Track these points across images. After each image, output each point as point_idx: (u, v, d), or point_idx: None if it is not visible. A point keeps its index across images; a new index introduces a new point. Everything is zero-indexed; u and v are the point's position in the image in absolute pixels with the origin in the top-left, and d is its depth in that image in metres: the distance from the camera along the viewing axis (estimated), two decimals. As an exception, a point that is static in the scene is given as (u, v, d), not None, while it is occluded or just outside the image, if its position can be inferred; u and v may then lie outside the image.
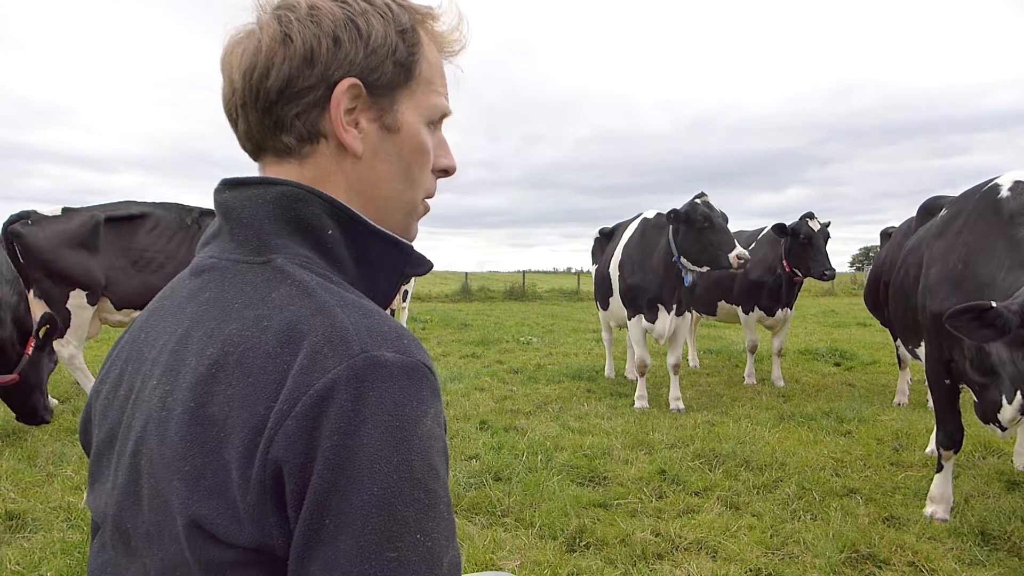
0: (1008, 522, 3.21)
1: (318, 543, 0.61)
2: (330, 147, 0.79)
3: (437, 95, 0.85)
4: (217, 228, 0.81)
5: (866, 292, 5.55)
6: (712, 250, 5.23)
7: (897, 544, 3.04)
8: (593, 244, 7.35)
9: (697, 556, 2.97)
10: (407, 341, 0.69)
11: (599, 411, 5.62)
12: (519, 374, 7.36)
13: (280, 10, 0.77)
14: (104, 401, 0.83)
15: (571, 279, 29.81)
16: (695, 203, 5.34)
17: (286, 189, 0.76)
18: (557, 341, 10.44)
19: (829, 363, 8.19)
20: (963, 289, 3.10)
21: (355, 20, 0.76)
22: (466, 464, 4.13)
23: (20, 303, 4.30)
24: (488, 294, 22.21)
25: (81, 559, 2.83)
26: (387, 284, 0.84)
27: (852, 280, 26.33)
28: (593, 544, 3.08)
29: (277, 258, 0.74)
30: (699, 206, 5.30)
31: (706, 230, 5.25)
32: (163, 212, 5.90)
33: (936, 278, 3.28)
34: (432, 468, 0.65)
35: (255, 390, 0.65)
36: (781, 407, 5.72)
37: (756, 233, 7.11)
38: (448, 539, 0.65)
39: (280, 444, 0.62)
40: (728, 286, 6.83)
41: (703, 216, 5.25)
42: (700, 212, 5.26)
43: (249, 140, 0.81)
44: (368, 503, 0.60)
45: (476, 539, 3.07)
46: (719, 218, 5.32)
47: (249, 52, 0.76)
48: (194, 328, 0.73)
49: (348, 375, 0.63)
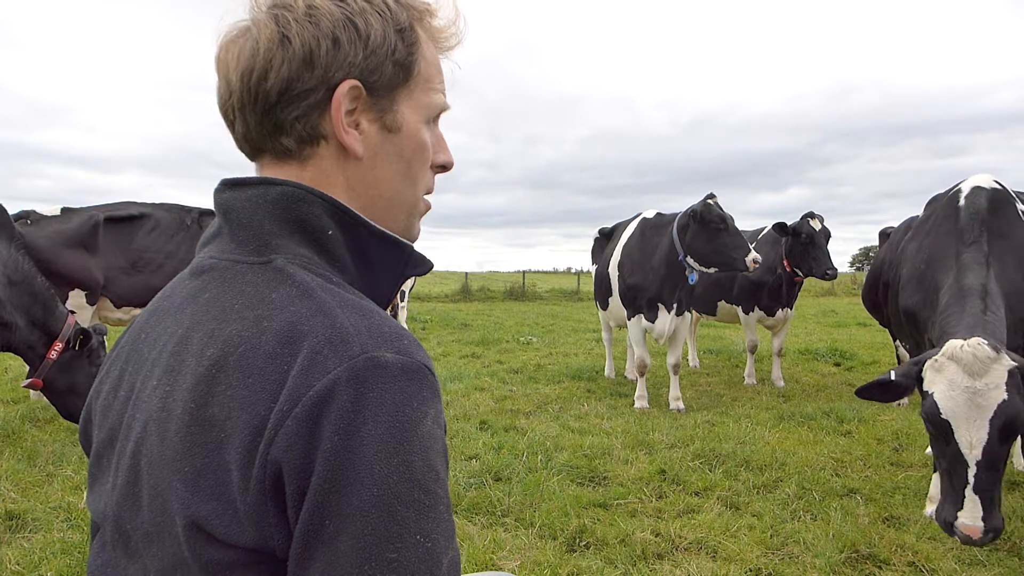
0: (1008, 522, 3.21)
1: (318, 544, 0.61)
2: (330, 149, 0.79)
3: (435, 92, 0.85)
4: (217, 228, 0.81)
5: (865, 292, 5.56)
6: (727, 252, 5.22)
7: (897, 544, 3.04)
8: (593, 244, 7.35)
9: (697, 556, 2.97)
10: (407, 342, 0.69)
11: (599, 411, 5.62)
12: (519, 374, 7.36)
13: (277, 8, 0.75)
14: (104, 401, 0.83)
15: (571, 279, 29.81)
16: (709, 204, 5.29)
17: (286, 189, 0.76)
18: (557, 341, 10.44)
19: (829, 363, 8.19)
20: (924, 288, 3.26)
21: (354, 20, 0.76)
22: (466, 464, 4.13)
23: (34, 305, 4.25)
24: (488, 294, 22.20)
25: (81, 559, 2.83)
26: (387, 284, 0.84)
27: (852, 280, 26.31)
28: (593, 544, 3.08)
29: (277, 258, 0.74)
30: (713, 207, 5.26)
31: (721, 232, 5.22)
32: (163, 212, 5.91)
33: (906, 276, 3.43)
34: (432, 469, 0.64)
35: (255, 391, 0.64)
36: (781, 407, 5.72)
37: (756, 233, 7.11)
38: (448, 540, 0.65)
39: (280, 445, 0.62)
40: (728, 286, 6.83)
41: (718, 217, 5.22)
42: (715, 213, 5.23)
43: (247, 142, 0.81)
44: (368, 504, 0.60)
45: (476, 539, 3.07)
46: (733, 220, 5.32)
47: (246, 53, 0.75)
48: (194, 329, 0.73)
49: (348, 376, 0.63)
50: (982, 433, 2.44)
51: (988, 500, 2.46)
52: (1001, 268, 2.98)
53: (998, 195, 3.22)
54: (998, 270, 2.97)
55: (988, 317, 2.71)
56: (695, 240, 5.31)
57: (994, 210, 3.16)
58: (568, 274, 56.10)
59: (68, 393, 4.26)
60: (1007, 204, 3.21)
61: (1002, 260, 3.02)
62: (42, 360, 4.21)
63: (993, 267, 2.96)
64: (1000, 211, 3.18)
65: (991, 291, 2.83)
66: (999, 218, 3.15)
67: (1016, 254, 3.06)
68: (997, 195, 3.22)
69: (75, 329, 4.29)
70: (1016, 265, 3.04)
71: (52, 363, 4.20)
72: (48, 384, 4.21)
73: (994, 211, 3.16)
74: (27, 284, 4.27)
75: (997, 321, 2.72)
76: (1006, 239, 3.09)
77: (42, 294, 4.30)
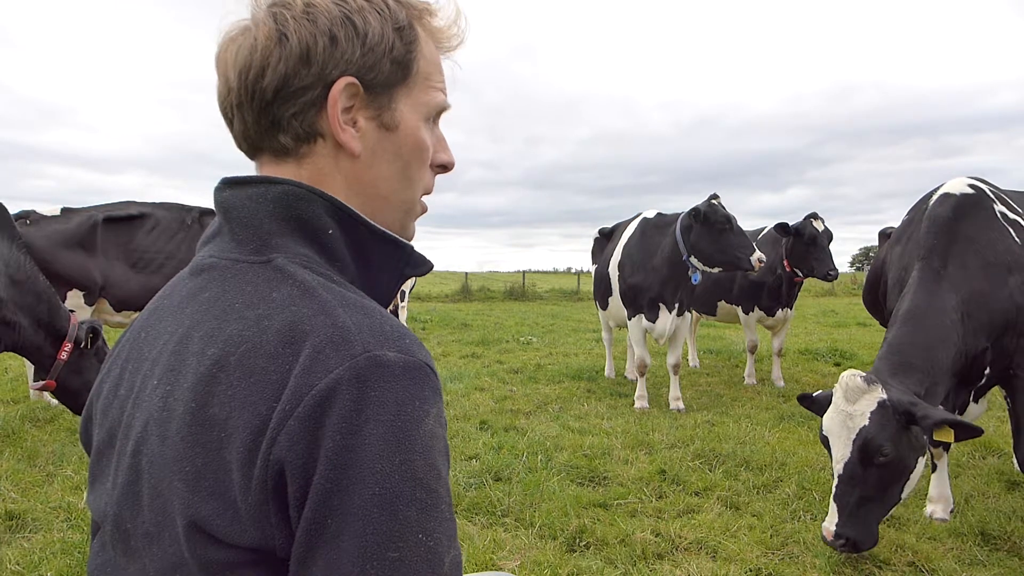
0: (1008, 522, 3.21)
1: (320, 543, 0.60)
2: (328, 147, 0.79)
3: (435, 91, 0.84)
4: (217, 227, 0.81)
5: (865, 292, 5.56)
6: (732, 252, 5.23)
7: (897, 544, 3.04)
8: (593, 244, 7.35)
9: (697, 556, 2.97)
10: (409, 341, 0.69)
11: (599, 411, 5.62)
12: (519, 374, 7.36)
13: (276, 7, 0.76)
14: (105, 401, 0.83)
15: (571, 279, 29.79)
16: (713, 204, 5.30)
17: (287, 188, 0.76)
18: (557, 341, 10.44)
19: (829, 363, 8.19)
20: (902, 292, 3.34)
21: (352, 17, 0.76)
22: (466, 464, 4.13)
23: (38, 305, 4.24)
24: (488, 294, 22.20)
25: (81, 559, 2.83)
26: (387, 284, 0.84)
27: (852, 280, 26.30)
28: (593, 544, 3.08)
29: (278, 257, 0.74)
30: (718, 207, 5.28)
31: (726, 232, 5.24)
32: (163, 212, 5.88)
33: (891, 281, 3.54)
34: (434, 468, 0.64)
35: (257, 390, 0.64)
36: (781, 407, 5.72)
37: (756, 233, 7.11)
38: (450, 539, 0.65)
39: (282, 444, 0.62)
40: (728, 286, 6.83)
41: (724, 217, 5.23)
42: (721, 213, 5.24)
43: (245, 140, 0.81)
44: (370, 503, 0.60)
45: (476, 539, 3.07)
46: (737, 220, 5.32)
47: (244, 51, 0.75)
48: (195, 328, 0.73)
49: (350, 375, 0.63)
50: (846, 451, 2.78)
51: (846, 510, 2.77)
52: (964, 275, 3.06)
53: (968, 200, 3.24)
54: (959, 277, 3.05)
55: (905, 348, 2.96)
56: (700, 240, 5.31)
57: (961, 216, 3.19)
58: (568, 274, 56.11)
59: (82, 391, 4.28)
60: (978, 208, 3.22)
61: (965, 266, 3.08)
62: (52, 361, 4.21)
63: (947, 279, 3.06)
64: (969, 216, 3.19)
65: (928, 312, 3.00)
66: (968, 222, 3.18)
67: (983, 257, 3.10)
68: (967, 200, 3.24)
69: (88, 325, 4.30)
70: (982, 268, 3.08)
71: (63, 363, 4.21)
72: (61, 384, 4.22)
73: (961, 217, 3.19)
74: (31, 284, 4.26)
75: (918, 347, 2.95)
76: (973, 243, 3.13)
77: (46, 293, 4.29)
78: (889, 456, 2.70)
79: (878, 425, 2.71)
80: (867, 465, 2.74)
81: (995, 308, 3.04)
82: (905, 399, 2.74)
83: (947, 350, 2.95)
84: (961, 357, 3.00)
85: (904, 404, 2.72)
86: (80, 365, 4.28)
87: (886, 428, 2.71)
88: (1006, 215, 3.25)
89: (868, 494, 2.77)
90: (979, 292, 3.04)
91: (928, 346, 2.95)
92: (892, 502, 2.84)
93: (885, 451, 2.70)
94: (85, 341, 4.23)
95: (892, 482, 2.78)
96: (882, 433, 2.70)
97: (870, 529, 2.78)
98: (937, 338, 2.95)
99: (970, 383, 3.20)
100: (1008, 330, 3.06)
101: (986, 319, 3.03)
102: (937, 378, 2.94)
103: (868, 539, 2.77)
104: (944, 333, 2.96)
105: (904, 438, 2.73)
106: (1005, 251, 3.11)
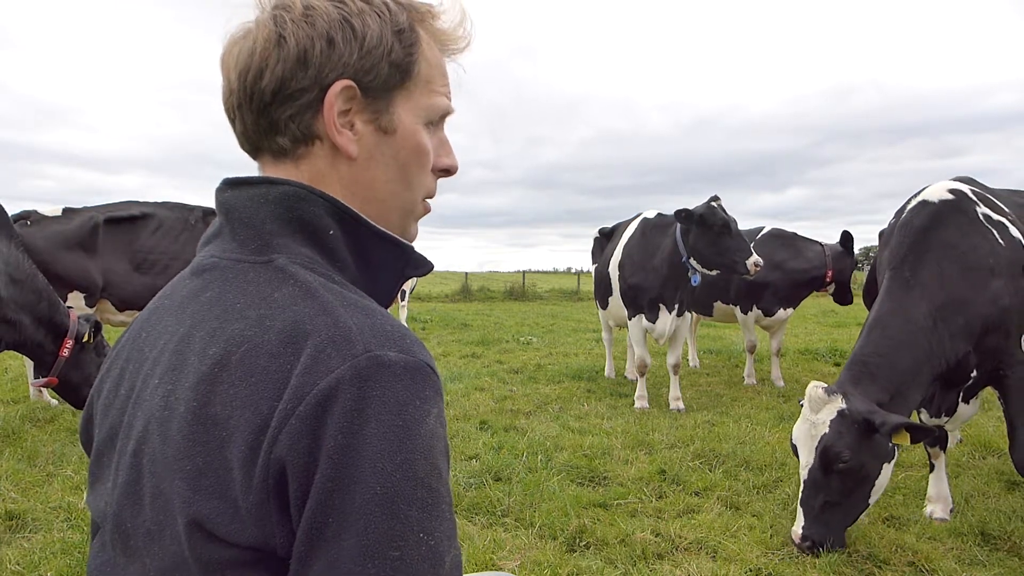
0: (1008, 522, 3.21)
1: (321, 542, 0.61)
2: (325, 149, 0.79)
3: (437, 95, 0.84)
4: (218, 227, 0.81)
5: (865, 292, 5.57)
6: (729, 255, 5.23)
7: (897, 544, 3.04)
8: (593, 244, 7.34)
9: (697, 556, 2.97)
10: (410, 341, 0.69)
11: (599, 411, 5.62)
12: (519, 374, 7.36)
13: (277, 10, 0.76)
14: (105, 400, 0.83)
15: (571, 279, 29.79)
16: (712, 206, 5.30)
17: (288, 189, 0.76)
18: (557, 341, 10.44)
19: (829, 363, 8.19)
20: None
21: (350, 20, 0.76)
22: (466, 464, 4.13)
23: (39, 303, 4.25)
24: (488, 294, 22.19)
25: (81, 559, 2.83)
26: (387, 284, 0.84)
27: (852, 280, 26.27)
28: (593, 544, 3.08)
29: (279, 258, 0.74)
30: (717, 210, 5.27)
31: (724, 235, 5.23)
32: (166, 212, 5.83)
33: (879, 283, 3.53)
34: (435, 467, 0.65)
35: (258, 390, 0.65)
36: (781, 407, 5.72)
37: (755, 233, 7.10)
38: (450, 539, 0.65)
39: (284, 443, 0.62)
40: (724, 287, 6.83)
41: (722, 220, 5.22)
42: (719, 216, 5.24)
43: (246, 140, 0.82)
44: (371, 502, 0.60)
45: (476, 539, 3.07)
46: (736, 223, 5.32)
47: (244, 53, 0.76)
48: (196, 327, 0.73)
49: (352, 375, 0.63)
50: (810, 458, 2.94)
51: (811, 514, 2.94)
52: (938, 282, 3.07)
53: (946, 206, 3.18)
54: (932, 285, 3.06)
55: (868, 358, 3.05)
56: (698, 242, 5.31)
57: (938, 223, 3.16)
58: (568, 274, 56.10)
59: (83, 386, 4.31)
60: (958, 213, 3.17)
61: (941, 273, 3.08)
62: (54, 358, 4.23)
63: (917, 288, 3.07)
64: (948, 222, 3.15)
65: (892, 322, 3.06)
66: (945, 229, 3.15)
67: (963, 262, 3.08)
68: (945, 207, 3.18)
69: (92, 320, 4.33)
70: (960, 274, 3.07)
71: (64, 360, 4.24)
72: (63, 381, 4.25)
73: (937, 224, 3.16)
74: (30, 282, 4.27)
75: (881, 356, 3.03)
76: (952, 249, 3.10)
77: (46, 291, 4.31)
78: (849, 463, 2.83)
79: (836, 433, 2.85)
80: (828, 471, 2.88)
81: (974, 312, 3.03)
82: (863, 408, 2.85)
83: (914, 357, 3.00)
84: (939, 362, 3.02)
85: (862, 412, 2.83)
86: (81, 361, 4.32)
87: (844, 436, 2.84)
88: (990, 217, 3.20)
89: (832, 499, 2.91)
90: (956, 298, 3.04)
91: (891, 354, 3.01)
92: (859, 506, 2.96)
93: (844, 458, 2.82)
94: (88, 335, 4.25)
95: (855, 487, 2.90)
96: (840, 441, 2.83)
97: (835, 531, 2.93)
98: (901, 345, 3.00)
99: (956, 385, 3.22)
100: (991, 332, 3.05)
101: (963, 323, 3.03)
102: (903, 385, 3.00)
103: (834, 541, 2.92)
104: (909, 340, 3.00)
105: (864, 445, 2.84)
106: (988, 254, 3.09)
